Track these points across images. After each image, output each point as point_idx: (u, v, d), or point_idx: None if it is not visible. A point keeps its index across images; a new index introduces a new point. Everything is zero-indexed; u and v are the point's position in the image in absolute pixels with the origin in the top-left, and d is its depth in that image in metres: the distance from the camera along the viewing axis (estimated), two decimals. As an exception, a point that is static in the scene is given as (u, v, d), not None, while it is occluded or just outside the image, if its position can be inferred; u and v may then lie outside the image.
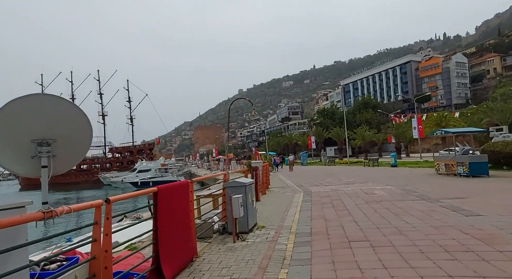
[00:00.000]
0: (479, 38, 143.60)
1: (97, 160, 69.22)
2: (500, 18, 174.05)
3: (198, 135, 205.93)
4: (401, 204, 7.56)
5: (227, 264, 4.17)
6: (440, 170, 14.50)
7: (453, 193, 8.76)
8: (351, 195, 9.65)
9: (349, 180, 15.05)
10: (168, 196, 3.90)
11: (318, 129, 61.39)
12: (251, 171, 10.33)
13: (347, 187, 11.92)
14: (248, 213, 5.77)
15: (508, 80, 71.46)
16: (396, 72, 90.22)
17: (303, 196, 10.45)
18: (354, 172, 20.56)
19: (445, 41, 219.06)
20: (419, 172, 17.28)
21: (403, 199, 8.24)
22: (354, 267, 3.69)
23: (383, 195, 9.16)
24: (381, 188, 10.94)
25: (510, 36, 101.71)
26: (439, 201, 7.59)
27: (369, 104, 66.92)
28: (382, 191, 10.01)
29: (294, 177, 19.55)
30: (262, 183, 11.80)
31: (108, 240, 2.76)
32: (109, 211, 2.80)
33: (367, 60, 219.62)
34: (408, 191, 9.76)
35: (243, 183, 5.79)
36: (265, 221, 6.79)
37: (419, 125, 38.27)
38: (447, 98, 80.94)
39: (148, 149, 72.22)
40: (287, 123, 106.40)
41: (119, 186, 42.31)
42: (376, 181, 13.63)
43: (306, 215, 7.02)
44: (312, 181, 15.92)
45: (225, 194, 5.81)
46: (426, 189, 9.96)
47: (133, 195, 3.40)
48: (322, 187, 12.85)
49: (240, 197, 5.34)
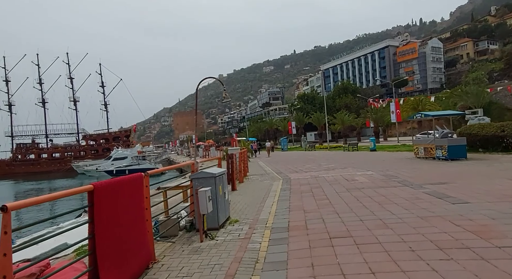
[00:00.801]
0: (453, 24, 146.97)
1: (70, 148, 66.14)
2: (473, 4, 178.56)
3: (178, 121, 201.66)
4: (384, 191, 7.16)
5: (189, 271, 3.52)
6: (419, 154, 14.43)
7: (435, 178, 8.50)
8: (331, 182, 9.21)
9: (329, 165, 14.72)
10: (112, 194, 3.15)
11: (299, 114, 61.22)
12: (226, 159, 9.63)
13: (327, 173, 11.52)
14: (218, 208, 5.11)
15: (480, 65, 73.86)
16: (374, 57, 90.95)
17: (282, 184, 9.93)
18: (334, 157, 20.35)
19: (421, 26, 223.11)
20: (398, 156, 17.24)
21: (385, 186, 7.86)
22: (337, 272, 3.14)
23: (364, 182, 8.78)
24: (362, 174, 10.61)
25: (482, 22, 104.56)
26: (422, 187, 7.26)
27: (348, 89, 67.25)
28: (363, 177, 9.65)
29: (274, 164, 19.09)
30: (239, 171, 11.18)
31: (7, 262, 2.00)
32: (7, 223, 2.03)
33: (346, 45, 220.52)
34: (390, 176, 9.45)
35: (212, 174, 5.08)
36: (239, 214, 6.18)
37: (397, 110, 38.77)
38: (423, 82, 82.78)
39: (124, 136, 69.75)
40: (267, 108, 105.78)
41: (93, 175, 40.57)
42: (357, 166, 13.35)
43: (284, 206, 6.47)
44: (292, 167, 15.48)
45: (193, 186, 5.11)
46: (407, 174, 9.69)
47: (53, 198, 2.59)
48: (302, 173, 12.40)
49: (208, 190, 4.65)
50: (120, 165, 38.34)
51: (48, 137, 65.18)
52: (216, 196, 5.02)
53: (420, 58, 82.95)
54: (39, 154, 62.01)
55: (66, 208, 16.76)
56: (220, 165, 9.22)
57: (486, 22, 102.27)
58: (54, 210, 19.95)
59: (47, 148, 63.96)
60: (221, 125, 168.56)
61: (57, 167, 59.18)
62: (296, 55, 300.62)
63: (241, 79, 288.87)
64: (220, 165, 9.05)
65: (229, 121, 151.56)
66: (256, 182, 11.04)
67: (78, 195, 9.32)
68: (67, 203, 19.11)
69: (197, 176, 5.08)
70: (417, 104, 46.48)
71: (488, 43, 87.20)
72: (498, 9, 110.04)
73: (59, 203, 21.07)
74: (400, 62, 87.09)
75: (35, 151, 62.08)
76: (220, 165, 9.05)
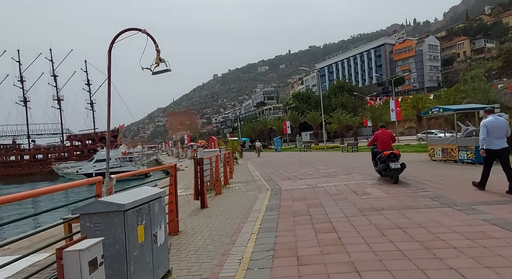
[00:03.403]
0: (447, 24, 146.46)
1: (53, 149, 62.79)
2: (466, 4, 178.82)
3: (172, 121, 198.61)
4: (418, 216, 4.78)
5: None
6: (436, 156, 12.15)
7: (482, 193, 6.14)
8: (335, 197, 6.82)
9: (328, 170, 12.35)
10: None
11: (293, 113, 59.00)
12: (194, 166, 7.20)
13: (328, 182, 9.14)
14: (132, 271, 2.66)
15: (478, 63, 72.49)
16: (370, 55, 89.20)
17: (269, 197, 7.52)
18: (332, 159, 18.01)
19: (415, 26, 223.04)
20: (408, 158, 14.93)
21: (414, 205, 5.49)
22: None
23: (381, 197, 6.40)
24: (373, 183, 8.24)
25: (477, 20, 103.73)
26: (474, 209, 4.90)
27: (345, 88, 65.24)
28: (377, 189, 7.28)
29: (264, 167, 16.66)
30: (217, 180, 8.74)
31: None
32: None
33: (341, 45, 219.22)
34: (412, 188, 7.09)
35: (119, 205, 2.61)
36: (189, 262, 3.74)
37: (396, 108, 36.73)
38: (419, 81, 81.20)
39: (112, 136, 66.60)
40: (262, 108, 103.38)
41: (73, 178, 37.68)
42: (362, 171, 11.01)
43: (266, 247, 4.03)
44: (284, 172, 13.08)
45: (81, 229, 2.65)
46: (434, 184, 7.34)
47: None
48: (295, 181, 10.01)
49: (96, 246, 2.22)
50: (101, 167, 35.54)
51: (30, 138, 61.78)
52: (127, 250, 2.57)
53: (417, 56, 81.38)
54: (20, 156, 58.64)
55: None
56: (173, 180, 6.75)
57: (481, 21, 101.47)
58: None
59: (29, 149, 60.54)
60: (215, 125, 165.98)
61: (39, 169, 56.00)
62: (291, 55, 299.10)
63: (236, 79, 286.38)
64: (173, 181, 6.59)
65: (223, 121, 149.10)
66: (238, 194, 8.61)
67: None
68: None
69: (89, 211, 2.61)
70: (417, 102, 44.51)
71: (485, 41, 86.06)
72: (493, 8, 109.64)
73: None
74: (397, 60, 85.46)
75: (16, 153, 58.65)
76: (173, 181, 6.59)
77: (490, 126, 5.87)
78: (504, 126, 5.92)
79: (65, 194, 24.80)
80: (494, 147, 5.85)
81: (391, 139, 8.63)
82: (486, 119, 6.03)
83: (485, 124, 5.94)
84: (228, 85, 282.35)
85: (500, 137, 5.87)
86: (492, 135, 5.86)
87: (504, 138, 5.90)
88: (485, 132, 5.90)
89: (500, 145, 5.84)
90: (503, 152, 5.86)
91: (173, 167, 4.89)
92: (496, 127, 5.86)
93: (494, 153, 5.90)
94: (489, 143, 5.89)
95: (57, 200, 22.52)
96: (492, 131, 5.86)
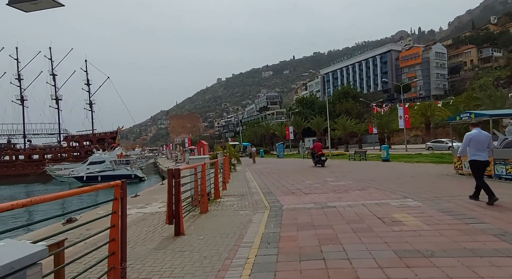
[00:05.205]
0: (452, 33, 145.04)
1: (49, 149, 61.31)
2: (471, 14, 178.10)
3: (174, 124, 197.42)
4: (496, 272, 3.04)
5: None
6: (464, 170, 10.38)
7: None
8: (355, 226, 5.06)
9: (339, 183, 10.59)
10: None
11: (297, 118, 57.38)
12: (168, 180, 5.49)
13: (340, 200, 7.39)
14: None
15: (485, 72, 70.84)
16: (376, 62, 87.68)
17: (266, 221, 5.79)
18: (341, 169, 16.21)
19: (420, 35, 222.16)
20: (426, 170, 13.17)
21: (477, 249, 3.74)
22: None
23: (421, 230, 4.64)
24: (400, 204, 6.48)
25: (484, 29, 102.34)
26: None
27: (349, 94, 63.59)
28: (409, 215, 5.51)
29: (264, 176, 14.92)
30: (202, 195, 7.02)
31: None
32: None
33: (345, 52, 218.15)
34: (458, 216, 5.32)
35: None
36: None
37: (405, 115, 34.95)
38: (426, 89, 79.49)
39: (110, 138, 65.17)
40: (265, 112, 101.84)
41: (65, 181, 36.09)
42: (380, 185, 9.24)
43: None
44: (286, 183, 11.34)
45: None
46: (487, 212, 5.57)
47: None
48: (300, 196, 8.28)
49: None
50: (93, 170, 33.91)
51: (26, 137, 60.39)
52: None
53: (424, 64, 79.75)
54: (15, 156, 57.14)
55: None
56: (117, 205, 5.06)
57: (488, 30, 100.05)
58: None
59: (24, 149, 59.07)
60: (218, 129, 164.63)
61: (34, 170, 54.55)
62: (295, 61, 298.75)
63: (239, 83, 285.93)
64: (118, 206, 4.86)
65: (225, 125, 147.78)
66: (228, 213, 6.88)
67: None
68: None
69: None
70: (425, 110, 42.87)
71: (492, 50, 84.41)
72: (499, 18, 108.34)
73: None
74: (403, 67, 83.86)
75: (10, 152, 57.17)
76: (118, 206, 4.86)
77: (474, 138, 6.22)
78: (487, 140, 6.25)
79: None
80: (480, 159, 6.14)
81: (321, 148, 18.40)
82: (470, 132, 6.34)
83: (469, 136, 6.28)
84: (232, 89, 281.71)
85: (483, 150, 6.19)
86: (475, 147, 6.19)
87: (485, 151, 6.22)
88: (467, 144, 6.31)
89: (484, 157, 6.16)
90: (485, 164, 6.29)
91: (119, 185, 3.19)
92: (479, 140, 6.20)
93: (480, 163, 6.17)
94: (474, 155, 6.19)
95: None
96: (475, 144, 6.19)
